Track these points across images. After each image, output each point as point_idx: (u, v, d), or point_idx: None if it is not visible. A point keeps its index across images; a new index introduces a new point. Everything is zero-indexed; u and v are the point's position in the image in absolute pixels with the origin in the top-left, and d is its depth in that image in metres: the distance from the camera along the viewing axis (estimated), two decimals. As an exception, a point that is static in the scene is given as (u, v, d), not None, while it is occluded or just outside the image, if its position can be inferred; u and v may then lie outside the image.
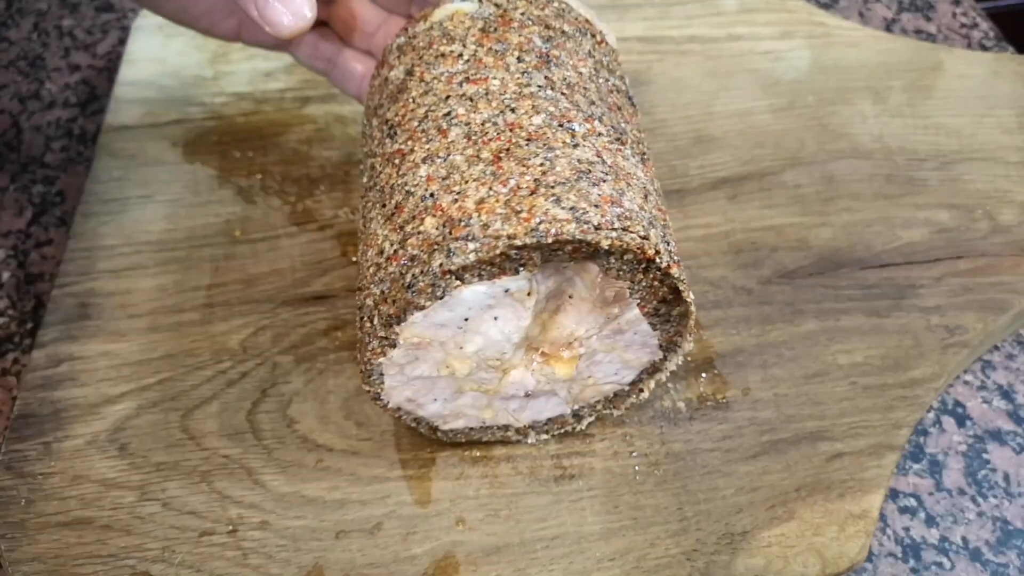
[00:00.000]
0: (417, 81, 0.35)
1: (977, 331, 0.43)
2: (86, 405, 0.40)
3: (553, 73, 0.34)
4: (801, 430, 0.40)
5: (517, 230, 0.29)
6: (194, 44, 0.57)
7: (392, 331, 0.32)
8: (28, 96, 0.58)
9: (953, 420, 0.43)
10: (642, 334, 0.35)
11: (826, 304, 0.44)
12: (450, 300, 0.31)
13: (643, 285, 0.33)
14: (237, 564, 0.36)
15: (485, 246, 0.29)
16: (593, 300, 0.34)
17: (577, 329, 0.35)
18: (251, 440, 0.39)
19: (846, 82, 0.55)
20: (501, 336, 0.33)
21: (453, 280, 0.30)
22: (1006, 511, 0.39)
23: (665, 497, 0.38)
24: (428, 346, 0.33)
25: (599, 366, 0.37)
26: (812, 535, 0.36)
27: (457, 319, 0.32)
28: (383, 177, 0.34)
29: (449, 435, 0.38)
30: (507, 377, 0.36)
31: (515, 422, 0.38)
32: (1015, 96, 0.54)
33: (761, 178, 0.50)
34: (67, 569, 0.35)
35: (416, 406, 0.36)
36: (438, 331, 0.32)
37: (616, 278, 0.32)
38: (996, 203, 0.48)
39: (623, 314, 0.34)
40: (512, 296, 0.32)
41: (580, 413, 0.39)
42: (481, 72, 0.34)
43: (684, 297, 0.33)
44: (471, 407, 0.37)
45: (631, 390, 0.39)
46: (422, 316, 0.31)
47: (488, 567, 0.36)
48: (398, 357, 0.33)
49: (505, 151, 0.31)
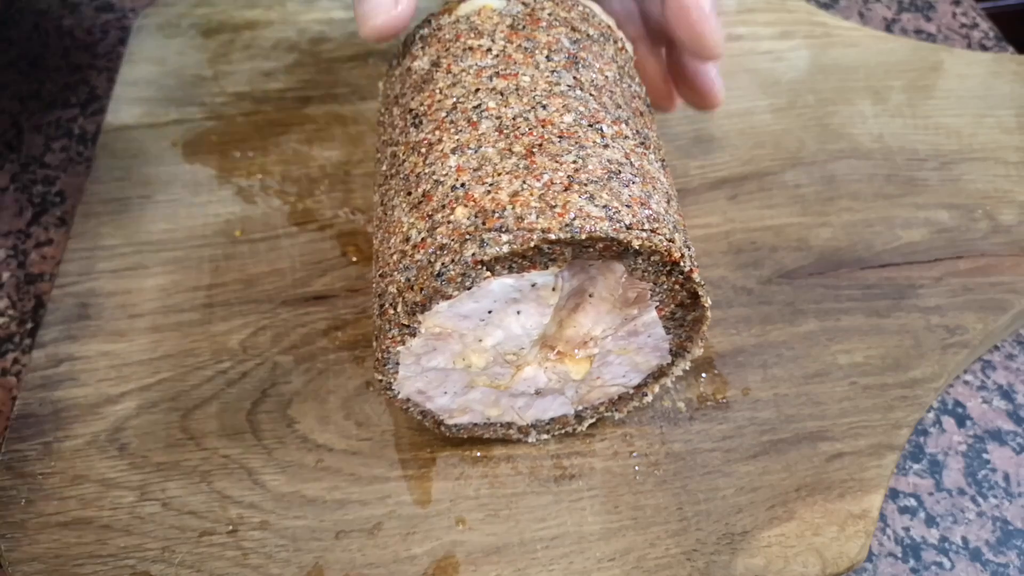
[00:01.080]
0: (444, 72, 0.35)
1: (977, 331, 0.43)
2: (86, 405, 0.40)
3: (581, 74, 0.35)
4: (801, 430, 0.40)
5: (552, 224, 0.30)
6: (194, 44, 0.57)
7: (415, 319, 0.32)
8: (28, 96, 0.58)
9: (953, 420, 0.43)
10: (655, 337, 0.36)
11: (826, 304, 0.44)
12: (477, 291, 0.31)
13: (664, 288, 0.34)
14: (237, 564, 0.36)
15: (519, 238, 0.30)
16: (613, 300, 0.34)
17: (594, 329, 0.35)
18: (251, 440, 0.39)
19: (846, 82, 0.55)
20: (522, 331, 0.34)
21: (483, 271, 0.31)
22: (1006, 511, 0.40)
23: (665, 497, 0.38)
24: (448, 337, 0.33)
25: (609, 367, 0.37)
26: (812, 535, 0.36)
27: (481, 311, 0.32)
28: (407, 165, 0.34)
29: (453, 430, 0.38)
30: (520, 373, 0.36)
31: (519, 420, 0.38)
32: (1015, 96, 0.54)
33: (761, 178, 0.50)
34: (67, 569, 0.35)
35: (425, 398, 0.36)
36: (460, 322, 0.33)
37: (640, 279, 0.33)
38: (996, 203, 0.49)
39: (641, 316, 0.35)
40: (538, 291, 0.32)
41: (582, 414, 0.39)
42: (511, 68, 0.34)
43: (702, 302, 0.34)
44: (479, 403, 0.37)
45: (635, 393, 0.39)
46: (447, 306, 0.32)
47: (488, 567, 0.36)
48: (416, 346, 0.33)
49: (538, 146, 0.32)
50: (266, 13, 0.59)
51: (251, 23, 0.58)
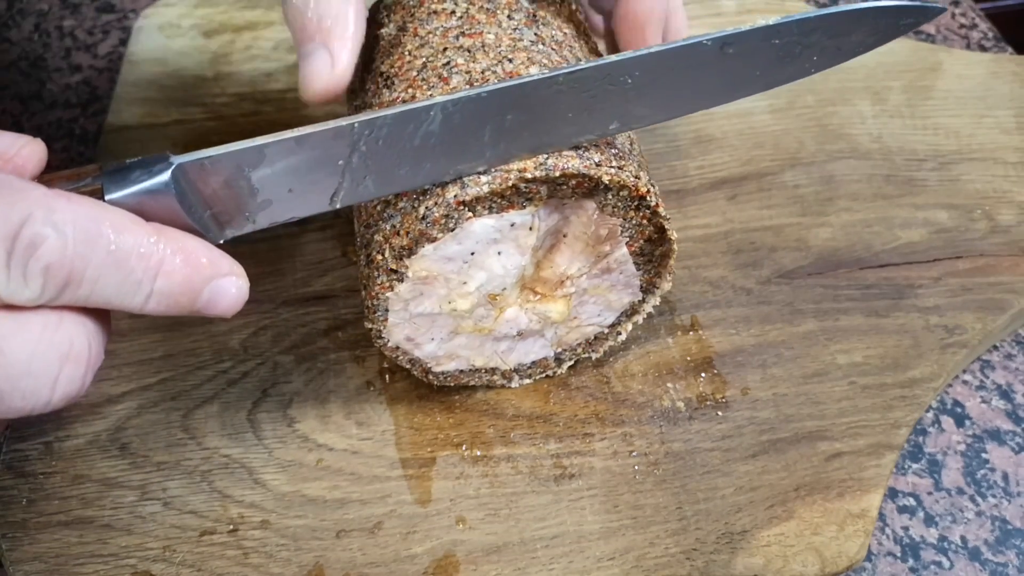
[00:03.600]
0: (411, 36, 0.37)
1: (976, 331, 0.43)
2: (87, 405, 0.40)
3: (541, 31, 0.37)
4: (800, 430, 0.40)
5: (527, 164, 0.32)
6: (195, 45, 0.57)
7: (402, 264, 0.34)
8: (29, 96, 0.58)
9: (952, 420, 0.43)
10: (627, 274, 0.38)
11: (825, 304, 0.44)
12: (460, 232, 0.33)
13: (633, 223, 0.36)
14: (238, 563, 0.36)
15: (497, 178, 0.32)
16: (587, 238, 0.36)
17: (569, 268, 0.37)
18: (252, 440, 0.39)
19: (845, 82, 0.55)
20: (503, 271, 0.36)
21: (465, 211, 0.33)
22: (1005, 511, 0.40)
23: (665, 496, 0.38)
24: (434, 281, 0.35)
25: (584, 307, 0.39)
26: (811, 534, 0.36)
27: (464, 252, 0.34)
28: None
29: (440, 377, 0.40)
30: (503, 315, 0.38)
31: (502, 364, 0.40)
32: (1014, 96, 0.54)
33: (760, 178, 0.50)
34: (68, 568, 0.35)
35: (414, 345, 0.38)
36: (445, 264, 0.34)
37: (611, 215, 0.35)
38: (995, 203, 0.49)
39: (612, 252, 0.37)
40: (516, 230, 0.34)
41: (561, 357, 0.41)
42: (475, 27, 0.36)
43: (668, 235, 0.36)
44: (465, 348, 0.39)
45: (609, 332, 0.41)
46: (432, 249, 0.33)
47: (488, 566, 0.36)
48: (404, 292, 0.35)
49: None
50: (267, 14, 0.59)
51: (252, 24, 0.59)
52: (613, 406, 0.41)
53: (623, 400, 0.41)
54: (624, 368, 0.42)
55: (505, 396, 0.41)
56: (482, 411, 0.40)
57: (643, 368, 0.42)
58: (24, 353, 0.26)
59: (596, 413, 0.40)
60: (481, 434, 0.40)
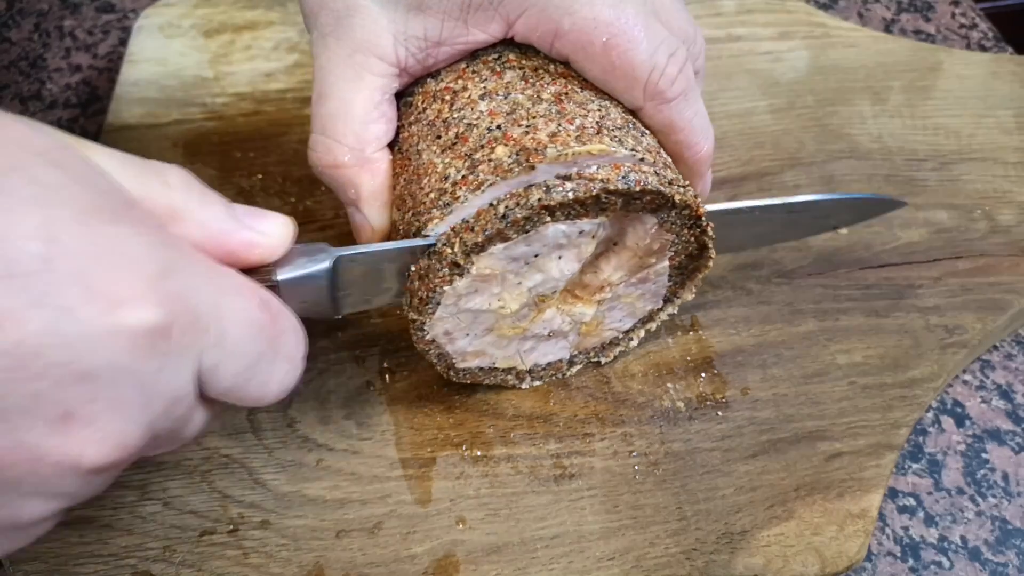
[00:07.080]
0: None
1: (976, 331, 0.43)
2: (87, 405, 0.40)
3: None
4: (800, 430, 0.40)
5: (611, 175, 0.32)
6: (195, 45, 0.57)
7: (469, 260, 0.33)
8: (29, 96, 0.58)
9: (952, 420, 0.43)
10: (659, 284, 0.38)
11: (825, 304, 0.44)
12: (534, 235, 0.33)
13: (683, 239, 0.37)
14: (238, 563, 0.36)
15: (582, 187, 0.32)
16: (637, 250, 0.36)
17: (612, 275, 0.37)
18: (252, 439, 0.39)
19: (845, 83, 0.55)
20: (559, 274, 0.36)
21: (545, 215, 0.32)
22: (1005, 510, 0.40)
23: (665, 496, 0.38)
24: (492, 279, 0.34)
25: (612, 312, 0.39)
26: (811, 534, 0.36)
27: (529, 254, 0.34)
28: (430, 113, 0.36)
29: (460, 374, 0.39)
30: (541, 315, 0.38)
31: (521, 364, 0.40)
32: (1014, 97, 0.54)
33: (760, 178, 0.50)
34: (68, 568, 0.35)
35: (449, 340, 0.37)
36: (508, 264, 0.34)
37: (667, 231, 0.36)
38: (995, 203, 0.49)
39: (655, 264, 0.38)
40: (583, 237, 0.35)
41: (574, 359, 0.41)
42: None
43: (709, 254, 0.37)
44: (493, 345, 0.38)
45: (623, 338, 0.41)
46: (502, 248, 0.33)
47: (488, 566, 0.36)
48: (462, 287, 0.34)
49: (564, 94, 0.34)
50: (267, 14, 0.59)
51: (252, 24, 0.59)
52: (613, 406, 0.41)
53: (623, 400, 0.41)
54: (624, 368, 0.42)
55: (505, 396, 0.41)
56: (482, 411, 0.40)
57: (643, 368, 0.42)
58: None
59: (596, 413, 0.40)
60: (481, 434, 0.40)
